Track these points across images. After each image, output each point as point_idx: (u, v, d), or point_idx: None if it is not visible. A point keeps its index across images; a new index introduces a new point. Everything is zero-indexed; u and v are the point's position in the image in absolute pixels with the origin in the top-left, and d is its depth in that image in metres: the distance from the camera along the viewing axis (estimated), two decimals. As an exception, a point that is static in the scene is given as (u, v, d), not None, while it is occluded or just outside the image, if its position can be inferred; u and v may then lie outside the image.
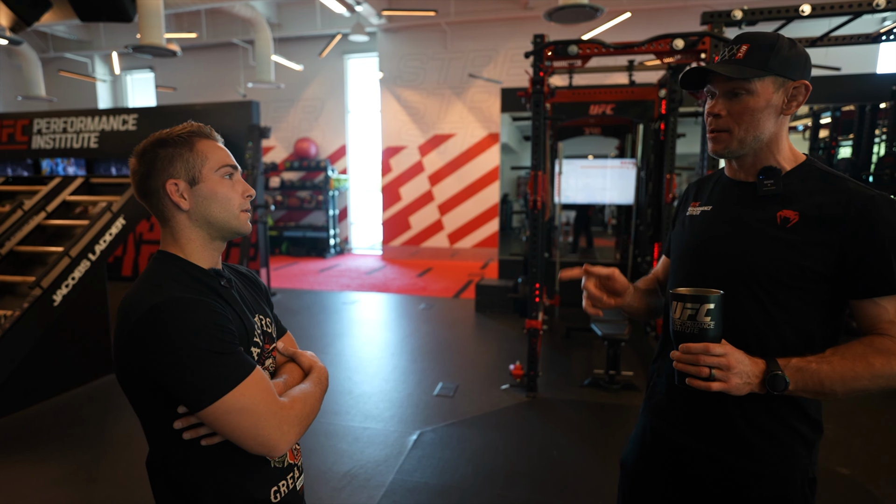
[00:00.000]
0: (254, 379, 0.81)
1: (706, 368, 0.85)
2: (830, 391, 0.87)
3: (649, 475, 1.11)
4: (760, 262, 0.93)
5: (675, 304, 0.89)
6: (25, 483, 2.45)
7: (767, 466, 0.95)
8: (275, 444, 0.81)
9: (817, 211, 0.90)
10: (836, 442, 2.82)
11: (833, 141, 6.00)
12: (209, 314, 0.80)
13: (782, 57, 0.91)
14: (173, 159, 0.87)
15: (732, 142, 0.95)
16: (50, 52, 10.45)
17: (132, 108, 6.72)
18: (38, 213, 3.80)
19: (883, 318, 0.90)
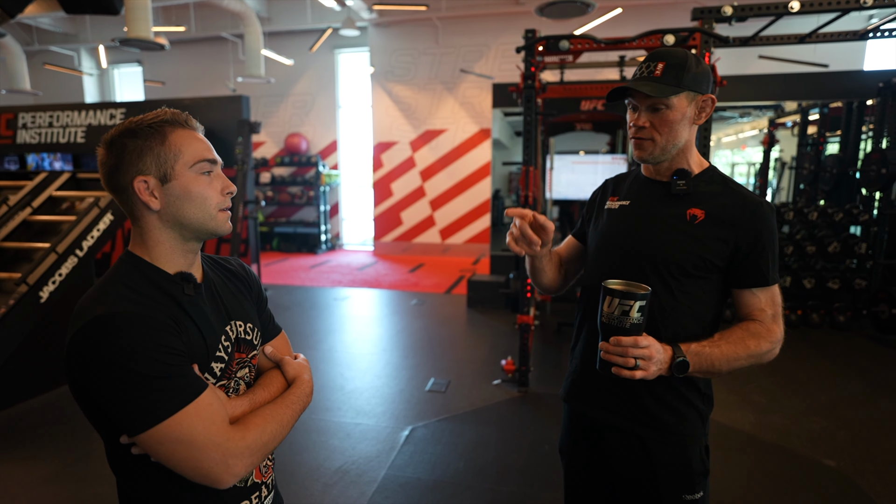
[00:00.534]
0: (197, 406, 0.73)
1: (632, 359, 0.95)
2: (717, 370, 1.03)
3: (576, 453, 1.24)
4: (672, 252, 1.07)
5: (609, 299, 0.96)
6: (13, 482, 2.42)
7: (671, 435, 1.10)
8: (217, 478, 0.74)
9: (720, 211, 1.06)
10: (822, 434, 2.86)
11: (821, 137, 6.06)
12: (150, 332, 0.72)
13: (693, 74, 1.04)
14: (142, 153, 0.78)
15: (656, 149, 1.08)
16: (35, 45, 10.27)
17: (120, 102, 6.63)
18: (23, 208, 3.75)
19: (756, 306, 1.07)
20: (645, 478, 1.12)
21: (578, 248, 1.32)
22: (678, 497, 1.10)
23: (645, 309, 0.95)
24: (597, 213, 1.24)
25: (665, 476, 1.10)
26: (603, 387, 1.15)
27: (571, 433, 1.25)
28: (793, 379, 3.64)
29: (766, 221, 1.04)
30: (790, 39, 3.56)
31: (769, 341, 1.05)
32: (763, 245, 1.04)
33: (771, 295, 1.07)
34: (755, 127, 9.06)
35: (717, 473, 2.45)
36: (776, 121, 7.15)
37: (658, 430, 1.10)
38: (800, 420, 3.04)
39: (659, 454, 1.10)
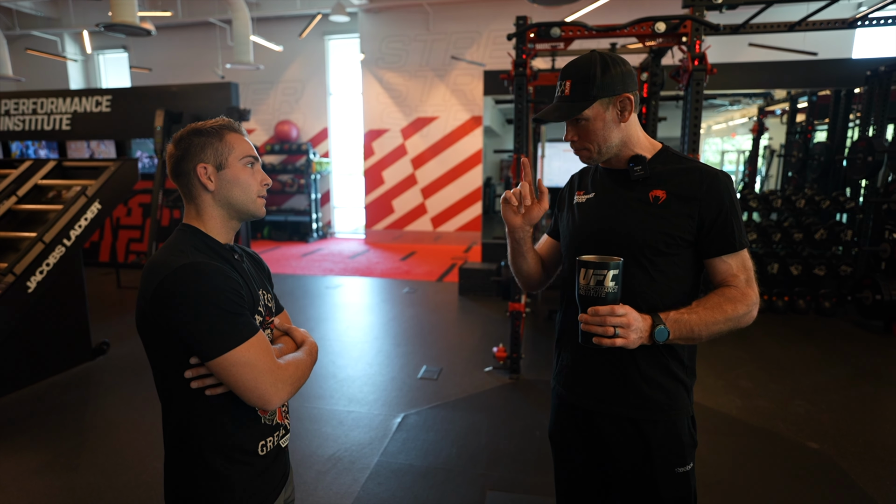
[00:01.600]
0: (257, 339, 0.93)
1: (611, 328, 0.99)
2: (698, 336, 1.05)
3: (569, 441, 1.27)
4: (642, 234, 1.11)
5: (583, 270, 1.00)
6: (4, 472, 2.42)
7: (661, 413, 1.14)
8: (269, 398, 0.92)
9: (679, 189, 1.10)
10: (806, 418, 2.93)
11: (809, 125, 6.10)
12: (225, 279, 0.92)
13: (599, 83, 1.09)
14: (205, 146, 1.01)
15: (593, 155, 1.15)
16: (16, 30, 10.02)
17: (106, 88, 6.51)
18: (8, 197, 3.69)
19: (728, 272, 1.11)
20: (639, 458, 1.15)
21: (555, 246, 1.36)
22: (671, 471, 1.14)
23: (619, 278, 0.99)
24: (567, 210, 1.29)
25: (659, 453, 1.14)
26: (594, 376, 1.18)
27: (562, 420, 1.28)
28: (779, 364, 3.71)
29: (725, 190, 1.09)
30: (780, 27, 3.57)
31: (745, 304, 1.07)
32: (726, 213, 1.08)
33: (741, 260, 1.11)
34: (745, 115, 9.10)
35: (705, 457, 2.51)
36: (766, 109, 7.19)
37: (650, 411, 1.14)
38: (785, 404, 3.10)
39: (652, 433, 1.14)
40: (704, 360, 3.69)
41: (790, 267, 4.85)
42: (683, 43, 3.17)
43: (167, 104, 5.82)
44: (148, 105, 5.89)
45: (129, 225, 6.86)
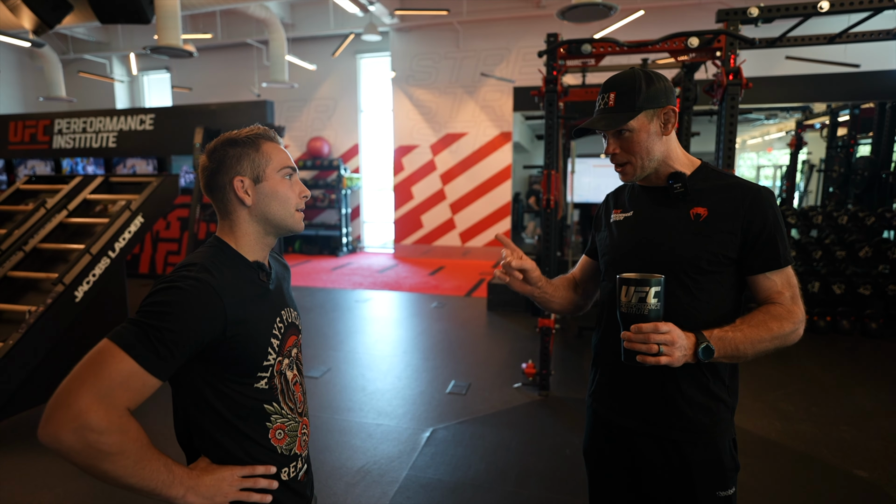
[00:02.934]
0: (134, 370, 0.78)
1: (655, 345, 0.96)
2: (743, 354, 1.03)
3: (605, 460, 1.25)
4: (684, 253, 1.10)
5: (624, 287, 1.00)
6: (51, 474, 2.52)
7: (702, 435, 1.12)
8: (61, 415, 0.74)
9: (720, 206, 1.09)
10: (854, 445, 2.79)
11: (851, 139, 5.91)
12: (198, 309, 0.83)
13: (644, 94, 1.09)
14: (241, 158, 0.94)
15: (635, 170, 1.14)
16: (70, 54, 10.65)
17: (149, 108, 6.83)
18: (59, 211, 3.89)
19: (773, 289, 1.09)
20: (679, 479, 1.13)
21: (593, 265, 1.35)
22: (713, 495, 1.12)
23: (661, 295, 0.98)
24: (605, 228, 1.28)
25: (700, 475, 1.11)
26: (633, 395, 1.16)
27: (597, 437, 1.27)
28: (821, 387, 3.55)
29: (768, 205, 1.07)
30: (819, 40, 3.48)
31: (791, 322, 1.05)
32: (770, 229, 1.07)
33: (786, 277, 1.09)
34: (781, 129, 8.86)
35: (744, 482, 2.41)
36: (804, 122, 6.99)
37: (691, 432, 1.11)
38: (829, 429, 2.96)
39: (693, 455, 1.11)
40: (741, 380, 3.54)
41: (832, 286, 4.67)
42: (717, 57, 3.13)
43: (206, 122, 6.06)
44: (188, 123, 6.15)
45: (168, 238, 7.12)
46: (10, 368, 2.94)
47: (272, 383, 0.96)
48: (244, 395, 0.92)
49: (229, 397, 0.91)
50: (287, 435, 0.98)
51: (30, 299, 3.38)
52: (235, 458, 0.92)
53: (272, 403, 0.96)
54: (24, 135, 7.02)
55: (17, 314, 3.22)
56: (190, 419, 0.91)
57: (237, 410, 0.92)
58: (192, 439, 0.92)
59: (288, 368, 1.00)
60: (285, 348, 0.99)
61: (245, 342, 0.90)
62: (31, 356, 3.07)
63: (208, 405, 0.90)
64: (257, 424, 0.94)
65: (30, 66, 11.43)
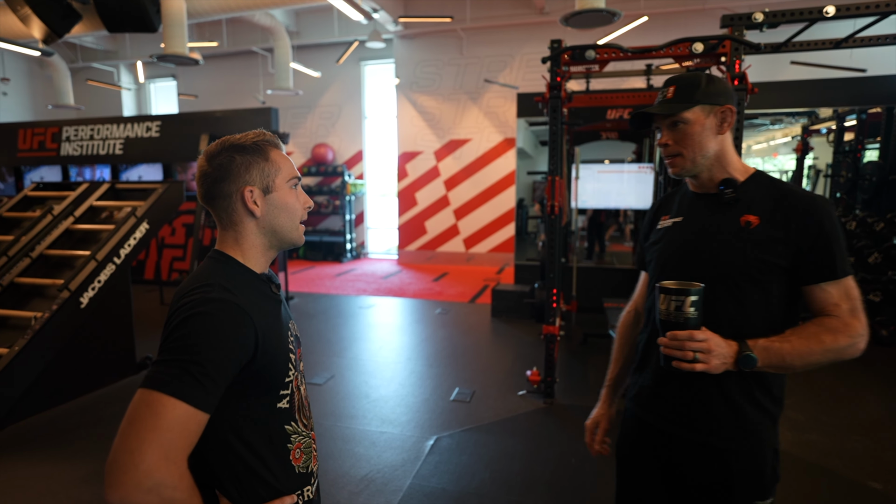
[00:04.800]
0: (191, 414, 0.75)
1: (691, 353, 0.98)
2: (790, 365, 1.02)
3: (640, 462, 1.25)
4: (734, 260, 1.08)
5: (663, 296, 1.02)
6: (54, 480, 2.51)
7: (744, 444, 1.10)
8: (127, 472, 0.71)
9: (773, 214, 1.07)
10: (866, 455, 2.74)
11: (859, 144, 5.86)
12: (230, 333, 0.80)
13: (703, 90, 1.11)
14: (250, 167, 0.89)
15: (686, 163, 1.14)
16: (79, 63, 10.75)
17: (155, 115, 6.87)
18: (66, 217, 3.91)
19: (829, 301, 1.06)
20: (718, 486, 1.12)
21: None
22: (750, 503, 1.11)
23: (699, 304, 0.99)
24: (651, 236, 1.29)
25: (740, 484, 1.10)
26: (676, 400, 1.15)
27: (635, 441, 1.26)
28: (832, 396, 3.50)
29: (825, 214, 1.04)
30: (825, 45, 3.47)
31: (848, 336, 1.02)
32: (825, 238, 1.04)
33: (844, 288, 1.05)
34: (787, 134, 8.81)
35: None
36: (810, 127, 6.95)
37: (733, 440, 1.10)
38: (842, 439, 2.92)
39: (735, 463, 1.10)
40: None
41: (841, 292, 4.61)
42: (722, 63, 3.12)
43: (211, 129, 6.09)
44: (193, 130, 6.18)
45: (173, 244, 7.15)
46: (15, 374, 2.94)
47: (291, 401, 0.93)
48: (269, 417, 0.89)
49: (253, 421, 0.88)
50: (303, 453, 0.96)
51: (36, 305, 3.39)
52: (261, 482, 0.88)
53: (291, 423, 0.93)
54: (33, 142, 7.08)
55: (23, 320, 3.23)
56: (208, 448, 0.85)
57: (261, 435, 0.88)
58: (211, 470, 0.87)
59: (301, 383, 0.98)
60: (297, 362, 0.97)
61: (272, 359, 0.88)
62: (37, 362, 3.08)
63: (232, 431, 0.86)
64: (281, 447, 0.91)
65: (39, 75, 11.55)
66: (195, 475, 0.86)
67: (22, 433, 2.99)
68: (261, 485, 0.88)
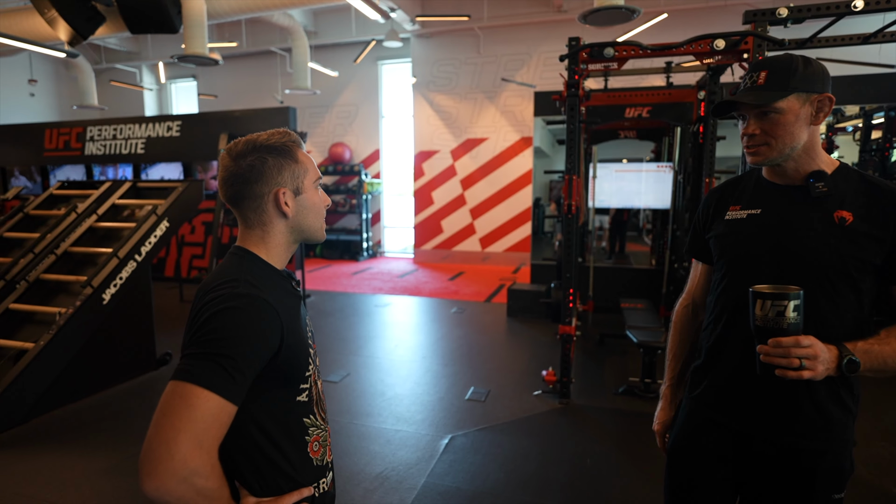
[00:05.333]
0: (222, 406, 0.77)
1: (797, 360, 0.93)
2: (892, 368, 0.98)
3: (703, 459, 1.20)
4: (830, 259, 1.03)
5: (760, 302, 0.96)
6: (78, 472, 2.57)
7: (829, 444, 1.07)
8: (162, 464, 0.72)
9: (868, 210, 1.02)
10: (891, 461, 2.67)
11: (887, 142, 5.70)
12: (262, 325, 0.83)
13: (800, 75, 1.02)
14: (282, 169, 0.91)
15: (772, 152, 1.06)
16: (102, 64, 11.00)
17: (176, 115, 6.99)
18: (89, 215, 4.00)
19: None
20: (798, 485, 1.10)
21: (709, 271, 1.28)
22: (829, 498, 1.09)
23: (801, 308, 0.94)
24: (716, 226, 1.20)
25: (821, 483, 1.08)
26: (758, 400, 1.11)
27: (696, 438, 1.22)
28: (856, 399, 3.41)
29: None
30: (853, 40, 3.37)
31: None
32: None
33: None
34: (812, 132, 8.61)
35: (773, 497, 2.33)
36: (836, 126, 6.78)
37: (820, 441, 1.08)
38: (865, 444, 2.84)
39: (818, 463, 1.08)
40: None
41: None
42: (745, 60, 3.06)
43: (230, 128, 6.18)
44: (213, 129, 6.28)
45: (193, 242, 7.27)
46: (40, 369, 3.02)
47: (311, 394, 0.96)
48: (289, 410, 0.92)
49: (274, 413, 0.90)
50: (321, 446, 0.99)
51: (60, 301, 3.48)
52: (281, 473, 0.90)
53: (309, 416, 0.96)
54: (59, 142, 7.26)
55: (48, 316, 3.31)
56: (230, 440, 0.86)
57: (281, 426, 0.91)
58: (232, 461, 0.88)
59: (318, 377, 1.01)
60: (314, 356, 1.00)
61: (296, 353, 0.90)
62: (61, 356, 3.16)
63: (253, 423, 0.88)
64: (300, 439, 0.94)
65: (65, 76, 11.84)
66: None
67: (46, 426, 3.07)
68: (281, 476, 0.90)
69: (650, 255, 6.54)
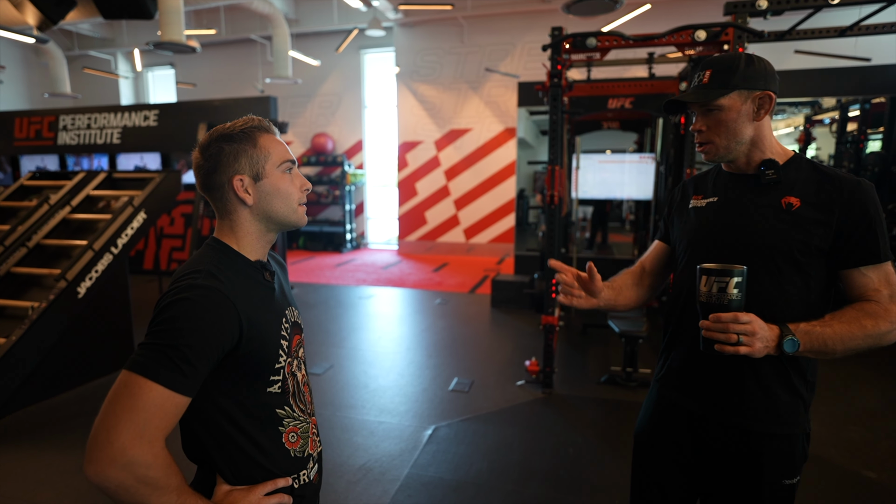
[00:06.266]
0: (167, 397, 0.76)
1: (734, 335, 0.96)
2: (832, 350, 1.00)
3: (664, 443, 1.24)
4: (775, 242, 1.07)
5: (705, 278, 1.00)
6: (53, 470, 2.52)
7: (778, 427, 1.10)
8: (105, 453, 0.74)
9: (815, 196, 1.06)
10: (862, 445, 2.75)
11: (862, 134, 5.82)
12: (213, 319, 0.81)
13: (741, 73, 1.07)
14: (238, 155, 0.90)
15: (718, 150, 1.12)
16: (75, 50, 10.66)
17: (153, 104, 6.82)
18: (63, 207, 3.89)
19: (869, 286, 1.05)
20: (747, 468, 1.12)
21: (666, 250, 1.34)
22: (779, 483, 1.11)
23: (742, 286, 0.98)
24: (680, 214, 1.27)
25: (770, 465, 1.11)
26: (709, 382, 1.15)
27: (659, 420, 1.26)
28: (829, 386, 3.51)
29: (868, 198, 1.03)
30: (830, 33, 3.42)
31: (888, 321, 1.01)
32: (869, 222, 1.03)
33: (884, 273, 1.05)
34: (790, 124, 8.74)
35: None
36: (813, 118, 6.90)
37: (767, 423, 1.10)
38: (838, 429, 2.92)
39: (766, 446, 1.11)
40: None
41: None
42: (725, 51, 3.08)
43: (210, 118, 6.05)
44: (192, 119, 6.14)
45: (172, 234, 7.13)
46: (12, 364, 2.94)
47: (284, 386, 0.94)
48: (257, 402, 0.91)
49: (242, 405, 0.89)
50: (300, 437, 0.97)
51: (32, 295, 3.39)
52: (254, 464, 0.90)
53: (283, 407, 0.94)
54: (30, 131, 7.04)
55: (20, 310, 3.23)
56: (202, 431, 0.89)
57: (251, 418, 0.90)
58: (206, 451, 0.90)
59: (297, 369, 0.99)
60: (292, 349, 0.98)
61: (259, 346, 0.88)
62: (34, 352, 3.08)
63: (223, 415, 0.88)
64: (272, 430, 0.93)
65: (35, 63, 11.45)
66: (195, 455, 0.91)
67: (20, 423, 2.99)
68: (255, 467, 0.90)
69: (632, 246, 6.61)
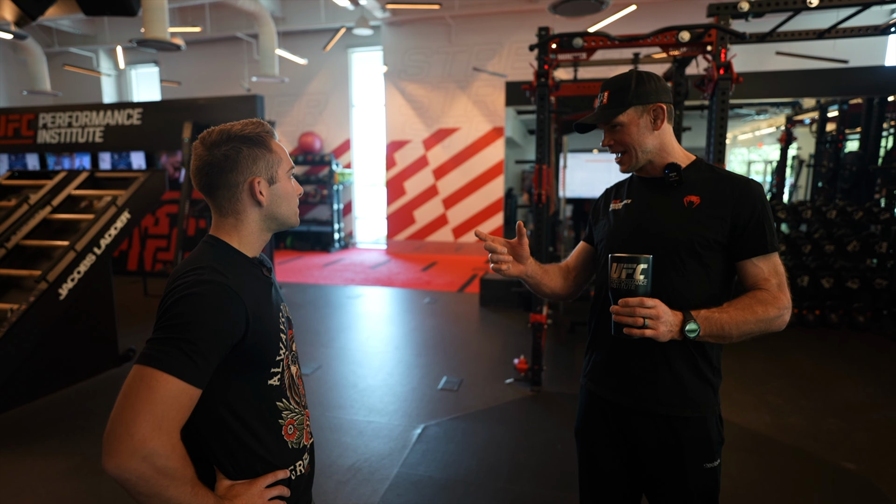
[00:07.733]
0: (183, 389, 0.79)
1: (640, 319, 1.04)
2: (728, 334, 1.10)
3: (596, 437, 1.32)
4: (677, 235, 1.18)
5: (615, 265, 1.08)
6: (34, 475, 2.48)
7: (691, 411, 1.19)
8: (123, 445, 0.74)
9: (712, 195, 1.18)
10: (841, 437, 2.81)
11: (840, 134, 5.95)
12: (224, 313, 0.84)
13: (633, 92, 1.19)
14: (256, 158, 0.94)
15: (631, 160, 1.24)
16: (55, 47, 10.46)
17: (137, 102, 6.73)
18: (43, 207, 3.82)
19: (760, 276, 1.16)
20: (670, 453, 1.20)
21: (590, 251, 1.43)
22: (700, 466, 1.20)
23: (648, 273, 1.06)
24: (603, 217, 1.37)
25: (690, 450, 1.19)
26: (627, 374, 1.23)
27: (590, 416, 1.33)
28: (810, 380, 3.58)
29: (757, 195, 1.16)
30: (809, 35, 3.49)
31: (776, 307, 1.12)
32: (758, 216, 1.14)
33: (773, 265, 1.16)
34: (772, 124, 8.91)
35: (734, 475, 2.42)
36: (794, 118, 7.03)
37: (682, 408, 1.19)
38: (818, 422, 2.98)
39: (684, 430, 1.19)
40: (732, 373, 3.59)
41: (821, 280, 4.70)
42: (708, 52, 3.13)
43: (195, 116, 5.98)
44: (177, 117, 6.07)
45: (157, 234, 7.04)
46: (-8, 367, 2.88)
47: (282, 379, 0.98)
48: (259, 394, 0.93)
49: (245, 398, 0.92)
50: (297, 429, 1.01)
51: (12, 297, 3.32)
52: (256, 456, 0.92)
53: (282, 400, 0.98)
54: (8, 129, 6.90)
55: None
56: (203, 423, 0.89)
57: (253, 410, 0.93)
58: (206, 444, 0.91)
59: (292, 363, 1.03)
60: (289, 342, 1.02)
61: (263, 339, 0.92)
62: (14, 355, 3.02)
63: (225, 407, 0.90)
64: (272, 422, 0.96)
65: (13, 59, 11.22)
66: (193, 451, 0.90)
67: (2, 427, 2.94)
68: (255, 459, 0.92)
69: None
